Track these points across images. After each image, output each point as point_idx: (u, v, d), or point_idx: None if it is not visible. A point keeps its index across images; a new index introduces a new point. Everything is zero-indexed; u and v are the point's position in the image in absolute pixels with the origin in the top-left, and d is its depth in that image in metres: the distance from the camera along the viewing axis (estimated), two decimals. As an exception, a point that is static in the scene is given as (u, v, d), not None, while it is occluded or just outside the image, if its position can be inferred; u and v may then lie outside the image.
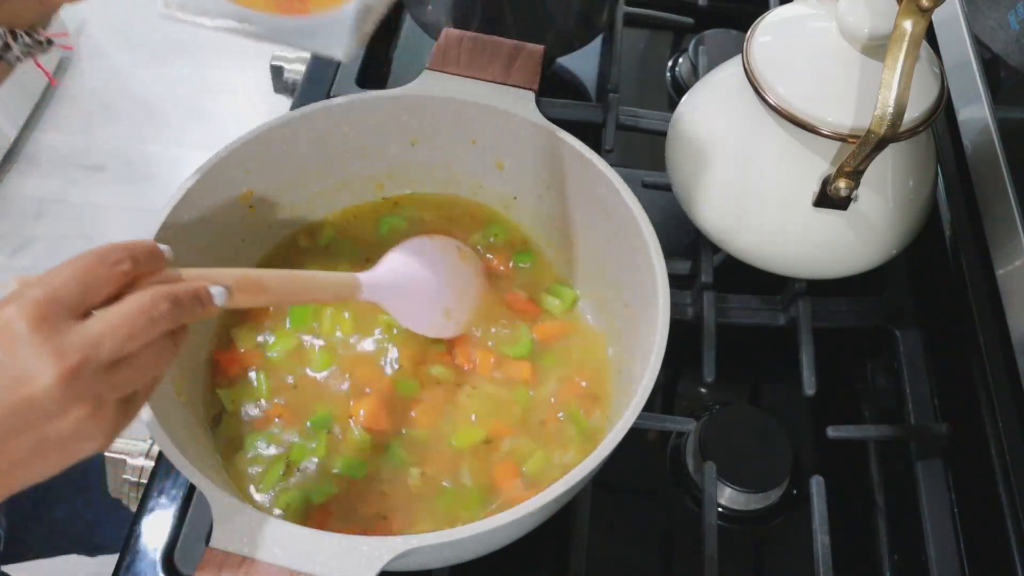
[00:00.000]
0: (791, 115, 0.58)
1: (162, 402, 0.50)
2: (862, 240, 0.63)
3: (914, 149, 0.62)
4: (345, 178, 0.66)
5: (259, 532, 0.43)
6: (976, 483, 0.62)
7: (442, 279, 0.61)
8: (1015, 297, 0.59)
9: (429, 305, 0.60)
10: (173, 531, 0.58)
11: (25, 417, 0.35)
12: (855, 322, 0.71)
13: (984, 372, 0.63)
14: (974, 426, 0.62)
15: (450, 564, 0.54)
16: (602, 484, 0.61)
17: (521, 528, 0.50)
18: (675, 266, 0.71)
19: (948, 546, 0.60)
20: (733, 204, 0.64)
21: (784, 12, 0.63)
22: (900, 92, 0.52)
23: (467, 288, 0.63)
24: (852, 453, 0.67)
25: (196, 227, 0.58)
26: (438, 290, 0.61)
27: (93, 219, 1.90)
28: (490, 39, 0.66)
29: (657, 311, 0.53)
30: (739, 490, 0.62)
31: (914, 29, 0.52)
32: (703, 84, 0.70)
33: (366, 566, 0.42)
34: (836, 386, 0.69)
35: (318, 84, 0.83)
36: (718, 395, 0.69)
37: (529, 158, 0.64)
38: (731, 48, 0.76)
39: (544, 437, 0.58)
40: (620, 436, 0.48)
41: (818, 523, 0.59)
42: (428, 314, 0.60)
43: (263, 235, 0.64)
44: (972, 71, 0.68)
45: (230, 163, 0.59)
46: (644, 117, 0.81)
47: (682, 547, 0.63)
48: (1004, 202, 0.61)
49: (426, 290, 0.60)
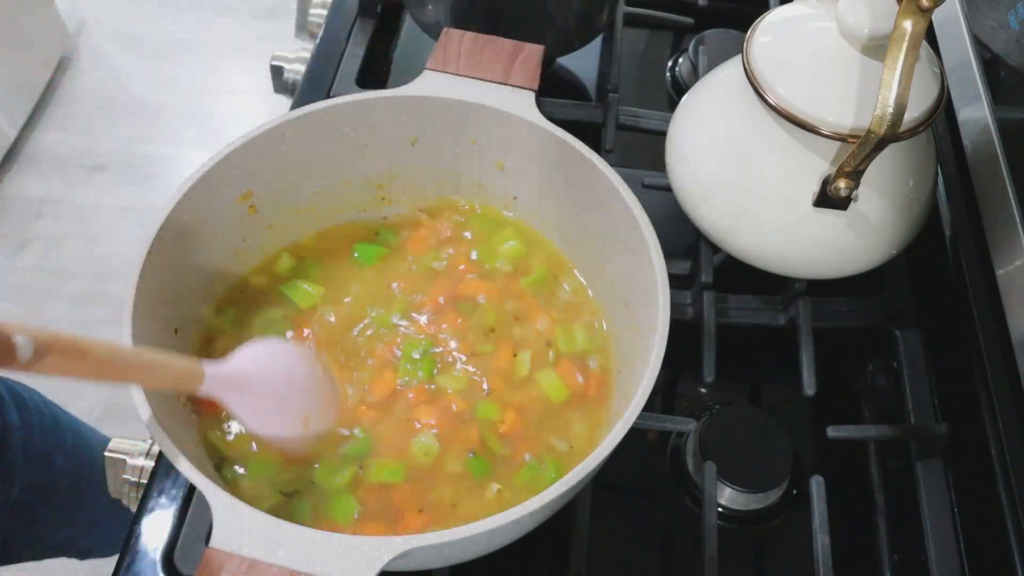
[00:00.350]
0: (791, 115, 0.58)
1: (162, 402, 0.50)
2: (862, 240, 0.63)
3: (914, 149, 0.62)
4: (345, 178, 0.66)
5: (259, 532, 0.43)
6: (976, 483, 0.62)
7: (303, 383, 0.56)
8: (1015, 297, 0.59)
9: (285, 408, 0.54)
10: (173, 531, 0.58)
11: None
12: (855, 322, 0.71)
13: (984, 372, 0.63)
14: (974, 426, 0.62)
15: (450, 564, 0.54)
16: (602, 484, 0.61)
17: (521, 528, 0.50)
18: (675, 266, 0.71)
19: (948, 546, 0.60)
20: (733, 204, 0.64)
21: (784, 12, 0.63)
22: (900, 92, 0.52)
23: (327, 395, 0.58)
24: (852, 453, 0.67)
25: (196, 227, 0.58)
26: (300, 393, 0.56)
27: (93, 219, 1.90)
28: (490, 39, 0.66)
29: (657, 311, 0.53)
30: (739, 490, 0.62)
31: (914, 29, 0.52)
32: (703, 84, 0.70)
33: (366, 566, 0.42)
34: (836, 386, 0.69)
35: (318, 84, 0.83)
36: (718, 395, 0.69)
37: (529, 158, 0.64)
38: (731, 48, 0.76)
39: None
40: (620, 436, 0.48)
41: (818, 523, 0.59)
42: (282, 418, 0.54)
43: (263, 235, 0.64)
44: (972, 71, 0.68)
45: (230, 163, 0.59)
46: (644, 117, 0.81)
47: (682, 547, 0.63)
48: (1004, 202, 0.61)
49: (284, 392, 0.55)
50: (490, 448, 0.56)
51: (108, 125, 2.07)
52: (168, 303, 0.56)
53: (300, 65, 0.88)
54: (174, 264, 0.56)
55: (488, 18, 0.78)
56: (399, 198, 0.68)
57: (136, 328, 0.50)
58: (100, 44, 2.23)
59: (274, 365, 0.55)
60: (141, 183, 1.97)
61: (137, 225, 1.87)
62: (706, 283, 0.69)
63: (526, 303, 0.64)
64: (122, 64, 2.19)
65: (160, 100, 2.12)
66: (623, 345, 0.60)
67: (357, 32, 0.88)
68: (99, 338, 0.43)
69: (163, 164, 2.01)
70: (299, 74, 0.87)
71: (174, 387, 0.51)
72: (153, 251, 0.54)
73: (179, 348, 0.57)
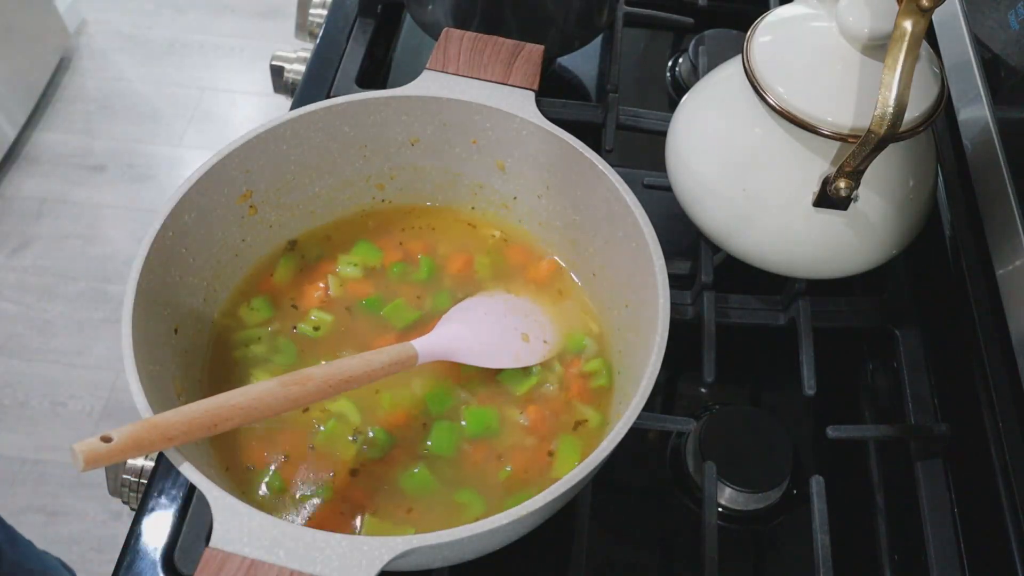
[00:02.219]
0: (791, 115, 0.58)
1: (162, 402, 0.50)
2: (862, 240, 0.63)
3: (914, 149, 0.62)
4: (345, 178, 0.66)
5: (259, 532, 0.43)
6: (976, 483, 0.62)
7: (501, 308, 0.61)
8: (1015, 297, 0.59)
9: (501, 336, 0.60)
10: (173, 531, 0.58)
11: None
12: (855, 322, 0.71)
13: (984, 372, 0.63)
14: (974, 426, 0.62)
15: (450, 564, 0.54)
16: (602, 484, 0.61)
17: (521, 528, 0.50)
18: (675, 266, 0.71)
19: (948, 546, 0.60)
20: (733, 204, 0.64)
21: (784, 12, 0.63)
22: (900, 92, 0.52)
23: (535, 312, 0.63)
24: (852, 453, 0.67)
25: (196, 227, 0.58)
26: (503, 317, 0.61)
27: (93, 219, 1.90)
28: (490, 39, 0.66)
29: (657, 311, 0.53)
30: (739, 490, 0.62)
31: (914, 29, 0.52)
32: (703, 84, 0.70)
33: (366, 566, 0.42)
34: (836, 386, 0.69)
35: (318, 84, 0.83)
36: (718, 395, 0.69)
37: (529, 158, 0.64)
38: (731, 48, 0.76)
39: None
40: (620, 436, 0.48)
41: (818, 523, 0.59)
42: (505, 345, 0.59)
43: (263, 235, 0.64)
44: (972, 71, 0.68)
45: (230, 163, 0.59)
46: (644, 117, 0.81)
47: (682, 547, 0.63)
48: (1004, 202, 0.61)
49: (489, 325, 0.60)
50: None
51: (108, 125, 2.07)
52: (168, 303, 0.56)
53: (300, 65, 0.88)
54: (174, 264, 0.56)
55: (488, 18, 0.78)
56: (399, 198, 0.68)
57: (136, 328, 0.50)
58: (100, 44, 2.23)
59: (473, 316, 0.60)
60: (141, 183, 1.97)
61: (137, 225, 1.88)
62: (706, 283, 0.69)
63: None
64: (122, 64, 2.19)
65: (160, 100, 2.12)
66: (623, 345, 0.60)
67: (357, 32, 0.88)
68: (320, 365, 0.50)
69: (163, 164, 2.01)
70: (299, 74, 0.87)
71: (394, 372, 0.55)
72: (153, 251, 0.54)
73: (179, 348, 0.57)
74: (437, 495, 0.56)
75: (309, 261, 0.65)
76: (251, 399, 0.47)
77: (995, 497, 0.59)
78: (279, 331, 0.62)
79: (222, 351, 0.61)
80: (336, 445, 0.57)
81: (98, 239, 1.87)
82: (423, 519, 0.55)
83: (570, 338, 0.63)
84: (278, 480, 0.55)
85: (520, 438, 0.58)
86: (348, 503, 0.55)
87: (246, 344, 0.61)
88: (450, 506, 0.55)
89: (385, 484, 0.56)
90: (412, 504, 0.55)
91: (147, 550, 0.57)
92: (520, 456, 0.58)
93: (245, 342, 0.61)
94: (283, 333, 0.62)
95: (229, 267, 0.62)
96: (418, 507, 0.55)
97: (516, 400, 0.60)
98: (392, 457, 0.57)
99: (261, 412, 0.47)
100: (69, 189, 1.94)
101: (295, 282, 0.64)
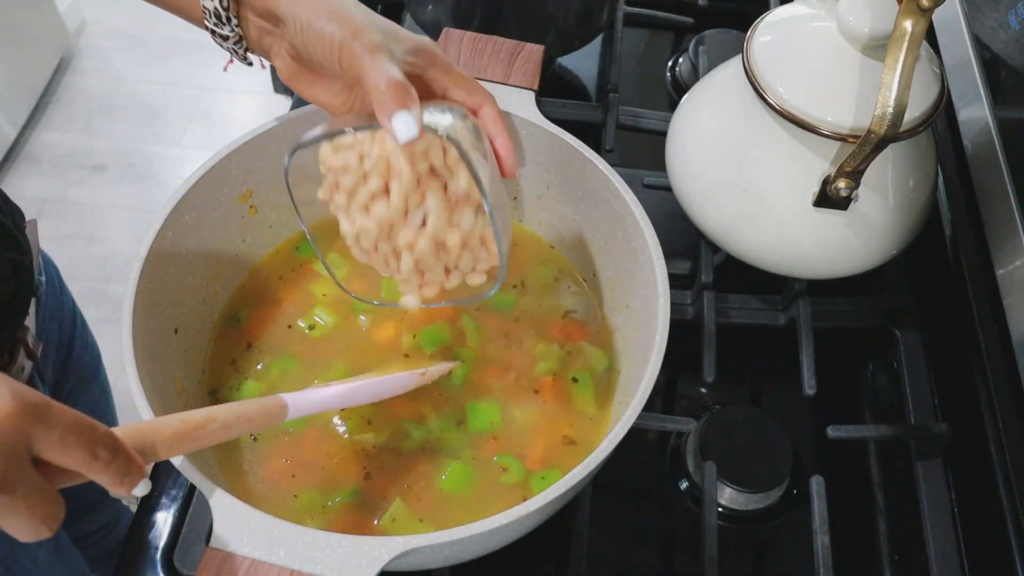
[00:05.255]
0: (791, 115, 0.58)
1: (162, 402, 0.50)
2: (862, 240, 0.63)
3: (914, 149, 0.62)
4: (345, 178, 0.66)
5: (259, 532, 0.43)
6: (976, 483, 0.62)
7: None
8: (1015, 297, 0.59)
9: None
10: (173, 531, 0.58)
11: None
12: (855, 322, 0.71)
13: (984, 372, 0.63)
14: (974, 426, 0.62)
15: (450, 564, 0.54)
16: (602, 484, 0.61)
17: (521, 528, 0.50)
18: (675, 266, 0.71)
19: (948, 546, 0.60)
20: (733, 204, 0.64)
21: (784, 12, 0.63)
22: (900, 92, 0.52)
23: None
24: (852, 453, 0.67)
25: (196, 227, 0.58)
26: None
27: (93, 219, 1.90)
28: (490, 39, 0.66)
29: (657, 311, 0.53)
30: (739, 490, 0.62)
31: (914, 29, 0.52)
32: (703, 84, 0.70)
33: (366, 566, 0.42)
34: (836, 386, 0.69)
35: (318, 84, 0.82)
36: (718, 395, 0.69)
37: (529, 158, 0.64)
38: (731, 48, 0.77)
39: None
40: (620, 436, 0.48)
41: (818, 523, 0.59)
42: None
43: (263, 235, 0.64)
44: (972, 71, 0.68)
45: (230, 163, 0.59)
46: (644, 117, 0.81)
47: (682, 547, 0.63)
48: (1004, 202, 0.61)
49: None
50: None
51: (108, 125, 2.06)
52: (168, 303, 0.56)
53: (300, 65, 0.87)
54: (174, 264, 0.56)
55: (488, 18, 0.78)
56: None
57: (136, 328, 0.50)
58: (100, 44, 2.22)
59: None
60: (141, 183, 1.97)
61: (137, 225, 1.87)
62: (706, 283, 0.69)
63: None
64: (122, 64, 2.19)
65: (160, 100, 2.12)
66: (623, 345, 0.60)
67: (357, 32, 0.88)
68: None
69: (163, 164, 2.01)
70: (299, 74, 0.86)
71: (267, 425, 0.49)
72: (153, 251, 0.54)
73: (179, 348, 0.57)
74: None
75: (309, 261, 0.65)
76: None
77: (995, 497, 0.59)
78: (279, 331, 0.62)
79: (222, 351, 0.61)
80: (343, 445, 0.57)
81: (98, 239, 1.87)
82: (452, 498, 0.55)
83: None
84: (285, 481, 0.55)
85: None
86: (366, 503, 0.55)
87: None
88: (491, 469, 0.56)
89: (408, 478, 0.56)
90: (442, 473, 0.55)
91: (147, 550, 0.57)
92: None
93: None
94: (283, 333, 0.62)
95: (229, 267, 0.62)
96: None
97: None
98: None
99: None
100: (69, 189, 1.94)
101: (295, 282, 0.64)
